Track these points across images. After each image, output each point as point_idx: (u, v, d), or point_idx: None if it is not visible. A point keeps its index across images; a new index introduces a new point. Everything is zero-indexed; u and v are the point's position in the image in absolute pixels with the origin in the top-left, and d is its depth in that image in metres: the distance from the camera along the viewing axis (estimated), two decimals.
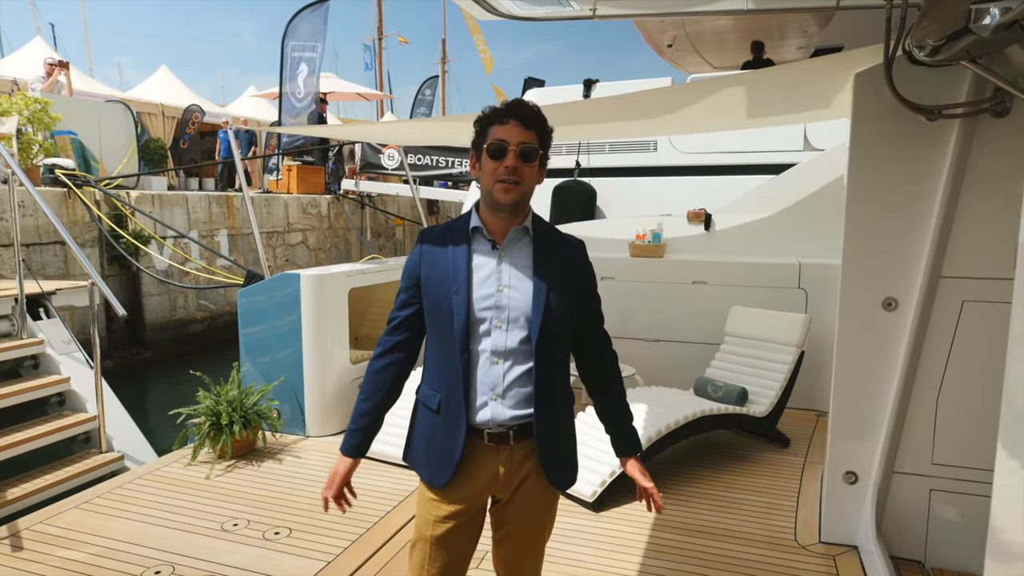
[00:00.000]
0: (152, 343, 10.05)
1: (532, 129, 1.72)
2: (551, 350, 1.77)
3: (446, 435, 1.77)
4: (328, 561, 3.00)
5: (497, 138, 1.71)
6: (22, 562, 2.97)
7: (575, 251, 1.85)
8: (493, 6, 3.05)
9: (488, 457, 1.78)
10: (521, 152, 1.69)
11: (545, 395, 1.77)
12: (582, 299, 1.85)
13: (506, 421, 1.76)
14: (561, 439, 1.85)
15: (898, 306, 2.91)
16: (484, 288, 1.74)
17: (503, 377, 1.75)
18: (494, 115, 1.74)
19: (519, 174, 1.69)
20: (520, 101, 1.78)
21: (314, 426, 4.61)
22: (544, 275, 1.75)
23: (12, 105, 9.17)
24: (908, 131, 2.81)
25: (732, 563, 3.00)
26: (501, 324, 1.74)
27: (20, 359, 4.58)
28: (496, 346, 1.74)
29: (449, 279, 1.75)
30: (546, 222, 1.87)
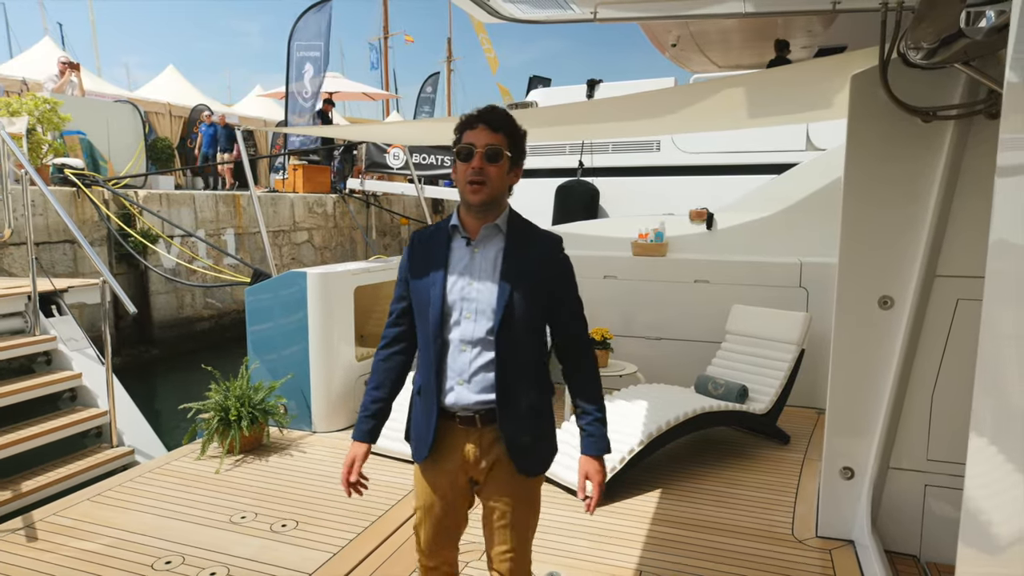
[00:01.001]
0: (160, 341, 10.16)
1: (499, 132, 1.85)
2: (514, 340, 1.87)
3: (424, 416, 1.94)
4: (334, 553, 3.07)
5: (466, 142, 1.85)
6: (37, 552, 3.05)
7: (549, 247, 1.95)
8: (495, 9, 3.11)
9: (459, 438, 1.93)
10: (487, 153, 1.82)
11: (507, 383, 1.87)
12: (554, 293, 1.94)
13: (471, 405, 1.88)
14: (528, 427, 1.91)
15: (894, 304, 2.95)
16: (457, 281, 1.89)
17: (469, 364, 1.88)
18: (466, 122, 1.87)
19: (485, 174, 1.82)
20: (490, 107, 1.90)
21: (320, 422, 4.68)
22: (512, 269, 1.87)
23: (22, 105, 9.28)
24: (904, 132, 2.86)
25: (729, 557, 3.06)
26: (470, 315, 1.87)
27: (33, 355, 4.67)
28: (464, 335, 1.88)
29: (429, 273, 1.90)
30: (524, 220, 1.99)
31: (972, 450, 1.17)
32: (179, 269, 10.05)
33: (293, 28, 13.12)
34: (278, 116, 19.30)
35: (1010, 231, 1.13)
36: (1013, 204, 1.12)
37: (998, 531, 1.12)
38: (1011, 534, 1.06)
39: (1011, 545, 1.06)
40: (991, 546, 1.13)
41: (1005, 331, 1.12)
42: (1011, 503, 1.07)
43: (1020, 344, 1.07)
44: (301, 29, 13.08)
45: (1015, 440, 1.06)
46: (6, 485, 3.89)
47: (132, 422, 4.67)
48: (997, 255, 1.14)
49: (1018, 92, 1.11)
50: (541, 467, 1.98)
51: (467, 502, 2.04)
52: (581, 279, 2.07)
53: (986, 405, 1.16)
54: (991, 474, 1.13)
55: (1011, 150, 1.15)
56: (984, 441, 1.15)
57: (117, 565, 2.95)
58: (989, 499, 1.12)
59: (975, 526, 1.17)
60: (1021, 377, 1.06)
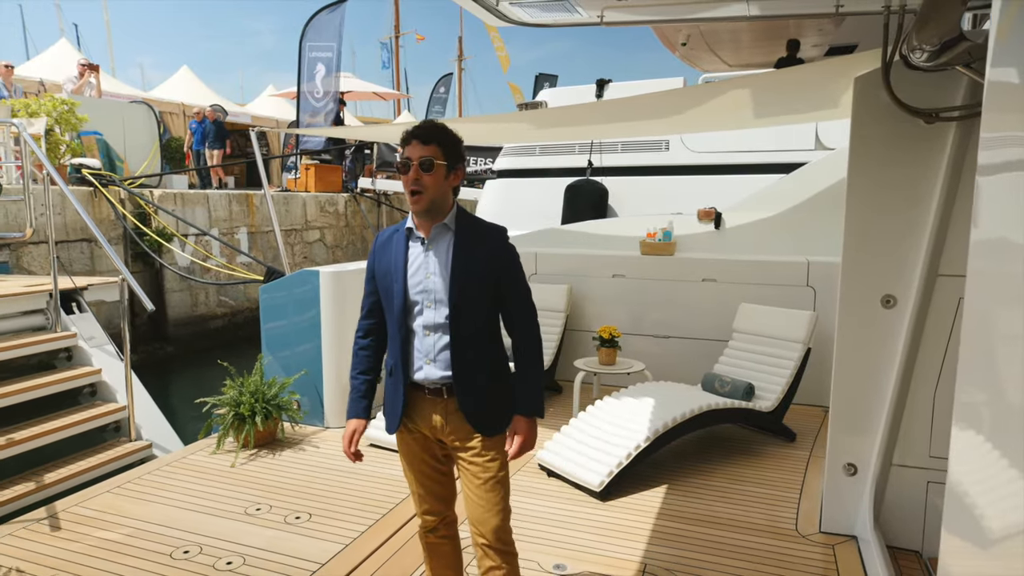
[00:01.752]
0: (174, 338, 10.31)
1: (430, 144, 2.09)
2: (467, 323, 2.16)
3: (394, 392, 2.24)
4: (346, 544, 3.15)
5: (404, 156, 2.11)
6: (61, 541, 3.16)
7: (495, 239, 2.22)
8: (504, 14, 3.18)
9: (427, 408, 2.22)
10: (420, 164, 2.07)
11: (462, 360, 2.16)
12: (501, 280, 2.20)
13: (438, 380, 2.18)
14: (482, 395, 2.20)
15: (896, 303, 3.00)
16: (416, 276, 2.17)
17: (434, 345, 2.17)
18: (404, 139, 2.13)
19: (421, 184, 2.08)
20: (422, 123, 2.17)
21: (333, 417, 4.77)
22: (461, 263, 2.14)
23: (41, 106, 9.45)
24: (906, 133, 2.90)
25: (733, 551, 3.11)
26: (430, 304, 2.17)
27: (54, 351, 4.80)
28: (427, 322, 2.17)
29: (391, 270, 2.19)
30: (472, 217, 2.25)
31: (955, 442, 1.22)
32: (193, 267, 10.20)
33: (305, 28, 13.24)
34: (290, 116, 19.46)
35: (991, 230, 1.16)
36: (992, 202, 1.16)
37: (980, 520, 1.17)
38: (992, 523, 1.11)
39: (992, 533, 1.10)
40: (974, 534, 1.18)
41: (987, 328, 1.17)
42: (993, 493, 1.11)
43: (1001, 341, 1.12)
44: (313, 29, 13.20)
45: (997, 432, 1.11)
46: (30, 477, 4.01)
47: (150, 417, 4.78)
48: (978, 254, 1.19)
49: (998, 91, 1.14)
50: (500, 428, 2.25)
51: (444, 463, 2.33)
52: (590, 277, 2.19)
53: (968, 399, 1.21)
54: (973, 465, 1.17)
55: (990, 149, 1.18)
56: (967, 434, 1.20)
57: (137, 554, 3.05)
58: (972, 489, 1.17)
59: (958, 516, 1.22)
60: (1002, 372, 1.11)
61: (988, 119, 1.19)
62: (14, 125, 5.39)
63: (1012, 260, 1.08)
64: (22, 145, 4.99)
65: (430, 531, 2.38)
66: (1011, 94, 1.13)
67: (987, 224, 1.18)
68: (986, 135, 1.21)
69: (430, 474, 2.32)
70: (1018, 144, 1.11)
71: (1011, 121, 1.12)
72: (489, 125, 5.54)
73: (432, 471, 2.32)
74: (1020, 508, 0.97)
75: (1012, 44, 1.14)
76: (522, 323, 2.26)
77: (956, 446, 1.23)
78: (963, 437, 1.21)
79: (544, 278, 5.92)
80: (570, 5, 3.01)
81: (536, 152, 8.92)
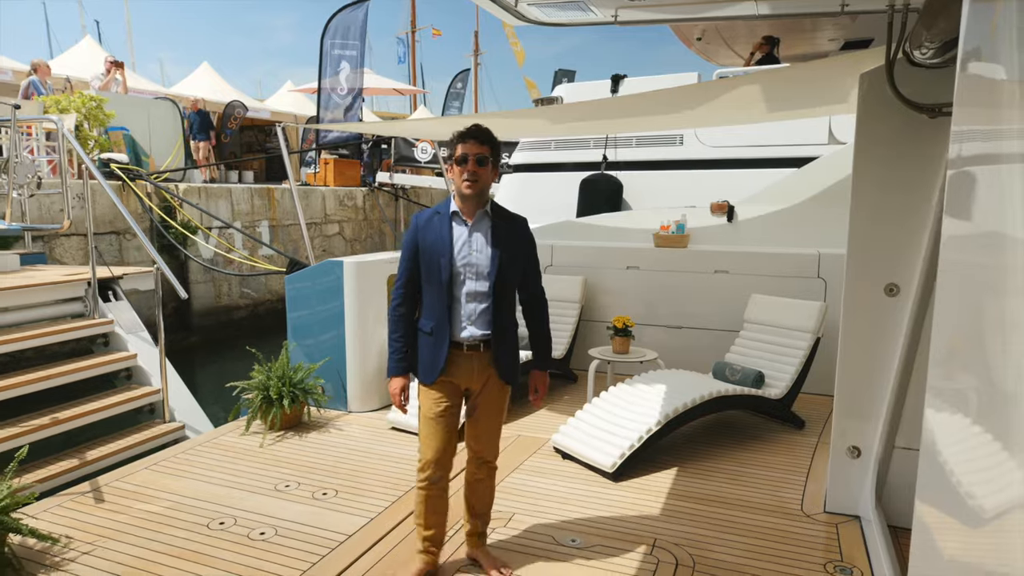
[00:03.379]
0: (199, 328, 10.59)
1: (485, 144, 2.57)
2: (503, 293, 2.65)
3: (436, 349, 2.65)
4: (371, 518, 3.33)
5: (462, 152, 2.57)
6: (106, 512, 3.38)
7: (521, 227, 2.73)
8: (522, 14, 3.32)
9: (464, 362, 2.68)
10: (477, 160, 2.56)
11: (499, 321, 2.66)
12: (526, 259, 2.73)
13: (478, 337, 2.66)
14: (508, 350, 2.72)
15: (899, 292, 3.11)
16: (461, 252, 2.61)
17: (475, 310, 2.64)
18: (459, 137, 2.59)
19: (477, 175, 2.57)
20: (476, 125, 2.62)
21: (355, 402, 4.96)
22: (498, 243, 2.63)
23: (71, 103, 9.73)
24: (910, 128, 3.01)
25: (740, 528, 3.25)
26: (472, 276, 2.62)
27: (93, 337, 5.03)
28: (469, 290, 2.63)
29: (438, 246, 2.60)
30: (501, 207, 2.72)
31: (927, 413, 1.33)
32: (217, 259, 10.46)
33: (327, 25, 13.42)
34: (308, 111, 19.71)
35: (961, 222, 1.25)
36: (962, 195, 1.25)
37: (951, 490, 1.26)
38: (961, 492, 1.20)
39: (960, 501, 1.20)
40: (944, 502, 1.28)
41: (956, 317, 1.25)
42: (963, 464, 1.22)
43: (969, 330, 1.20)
44: (335, 27, 13.38)
45: (965, 409, 1.21)
46: (73, 454, 4.24)
47: (182, 400, 5.01)
48: (950, 246, 1.27)
49: (967, 86, 1.21)
50: (516, 377, 2.79)
51: (459, 410, 2.77)
52: (605, 269, 2.41)
53: (939, 383, 1.31)
54: (944, 439, 1.28)
55: (960, 142, 1.26)
56: (938, 411, 1.31)
57: (177, 524, 3.25)
58: (943, 460, 1.27)
59: (930, 485, 1.32)
60: (967, 357, 1.21)
61: (958, 113, 1.28)
62: (52, 121, 5.62)
63: (980, 251, 1.16)
64: (59, 140, 5.20)
65: (433, 484, 2.74)
66: (980, 89, 1.21)
67: (958, 216, 1.26)
68: (956, 129, 1.29)
69: (450, 420, 2.71)
70: (986, 138, 1.20)
71: (980, 116, 1.21)
72: (506, 121, 5.68)
73: (452, 418, 2.72)
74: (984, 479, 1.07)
75: (980, 41, 1.22)
76: (537, 298, 2.80)
77: (929, 420, 1.33)
78: (934, 414, 1.31)
79: (560, 270, 6.07)
80: (584, 5, 3.14)
81: (552, 147, 9.04)
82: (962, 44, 1.30)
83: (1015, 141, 1.06)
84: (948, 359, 1.32)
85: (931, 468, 1.36)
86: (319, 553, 3.00)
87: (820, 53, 10.99)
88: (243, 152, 18.60)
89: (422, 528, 2.80)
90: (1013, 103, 1.08)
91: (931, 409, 1.36)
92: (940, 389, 1.34)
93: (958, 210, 1.26)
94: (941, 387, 1.34)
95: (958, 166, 1.28)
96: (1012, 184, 1.06)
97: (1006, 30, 1.12)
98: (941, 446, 1.32)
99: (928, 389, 1.35)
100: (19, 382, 4.30)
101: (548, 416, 4.87)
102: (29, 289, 4.83)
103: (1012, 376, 0.97)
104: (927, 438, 1.37)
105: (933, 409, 1.36)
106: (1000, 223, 1.10)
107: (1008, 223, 1.05)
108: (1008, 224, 1.05)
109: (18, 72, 14.30)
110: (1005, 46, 1.13)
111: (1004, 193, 1.10)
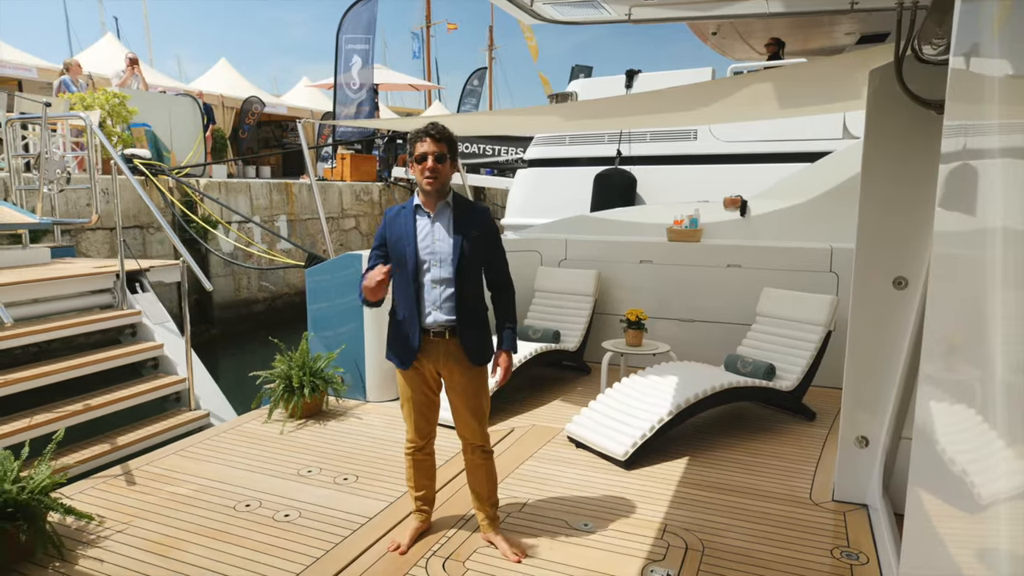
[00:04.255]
0: (219, 320, 10.79)
1: (442, 143, 2.71)
2: (465, 279, 2.78)
3: (408, 335, 2.82)
4: (390, 502, 3.45)
5: (421, 151, 2.71)
6: (137, 494, 3.53)
7: (482, 216, 2.87)
8: (538, 12, 3.40)
9: (433, 347, 2.83)
10: (436, 157, 2.71)
11: (462, 306, 2.79)
12: (488, 246, 2.85)
13: (443, 323, 2.80)
14: (475, 334, 2.84)
15: (907, 284, 3.17)
16: (424, 242, 2.78)
17: (440, 296, 2.78)
18: (418, 136, 2.73)
19: (435, 171, 2.72)
20: (433, 124, 2.76)
21: (373, 392, 5.09)
22: (460, 232, 2.77)
23: (95, 100, 9.94)
24: (919, 123, 3.05)
25: (748, 515, 3.33)
26: (436, 263, 2.77)
27: (121, 327, 5.20)
28: (434, 277, 2.78)
29: (404, 238, 2.78)
30: (464, 198, 2.88)
31: (920, 403, 1.38)
32: (237, 253, 10.65)
33: (341, 21, 13.57)
34: (324, 106, 19.89)
35: (952, 215, 1.30)
36: (952, 188, 1.30)
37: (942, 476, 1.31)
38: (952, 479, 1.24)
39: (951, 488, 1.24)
40: (936, 488, 1.33)
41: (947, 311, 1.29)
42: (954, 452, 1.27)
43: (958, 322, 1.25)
44: (349, 22, 13.52)
45: (957, 398, 1.26)
46: (104, 439, 4.41)
47: (207, 389, 5.16)
48: (941, 241, 1.31)
49: (959, 81, 1.24)
50: (484, 359, 2.90)
51: (438, 389, 2.97)
52: (618, 263, 2.48)
53: (932, 369, 1.37)
54: (937, 427, 1.34)
55: (951, 137, 1.30)
56: (931, 400, 1.36)
57: (205, 506, 3.39)
58: (936, 448, 1.33)
59: (923, 472, 1.38)
60: (957, 348, 1.26)
61: (950, 108, 1.32)
62: (81, 118, 5.79)
63: (970, 245, 1.20)
64: (88, 137, 5.36)
65: (418, 450, 3.04)
66: (970, 86, 1.25)
67: (949, 209, 1.31)
68: (948, 123, 1.34)
69: (426, 402, 2.95)
70: (976, 133, 1.25)
71: (970, 111, 1.25)
72: (521, 118, 5.77)
73: (428, 400, 2.96)
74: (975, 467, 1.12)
75: (971, 36, 1.26)
76: (501, 282, 2.95)
77: (921, 405, 1.39)
78: (927, 401, 1.36)
79: (573, 263, 6.15)
80: (598, 3, 3.22)
81: (566, 142, 9.11)
82: (954, 41, 1.35)
83: (1004, 136, 1.11)
84: (941, 350, 1.37)
85: (924, 455, 1.42)
86: (340, 534, 3.12)
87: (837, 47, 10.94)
88: (260, 148, 18.83)
89: (413, 490, 3.11)
90: (1002, 99, 1.12)
91: (924, 398, 1.42)
92: (933, 379, 1.40)
93: (950, 204, 1.31)
94: (934, 377, 1.39)
95: (949, 161, 1.32)
96: (1001, 178, 1.11)
97: (994, 28, 1.16)
98: (934, 434, 1.37)
99: (921, 379, 1.40)
100: (53, 370, 4.47)
101: (562, 406, 4.97)
102: (61, 281, 5.00)
103: (1003, 366, 1.00)
104: (920, 426, 1.43)
105: (926, 398, 1.42)
106: (990, 217, 1.13)
107: (998, 216, 1.09)
108: (998, 217, 1.09)
109: (42, 69, 14.59)
110: (993, 43, 1.17)
111: (993, 187, 1.15)
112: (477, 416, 2.93)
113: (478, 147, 13.97)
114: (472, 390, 2.90)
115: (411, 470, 3.09)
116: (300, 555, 2.94)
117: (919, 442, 1.40)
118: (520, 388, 5.20)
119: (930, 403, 1.39)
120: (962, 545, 1.18)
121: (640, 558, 2.93)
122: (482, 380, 2.93)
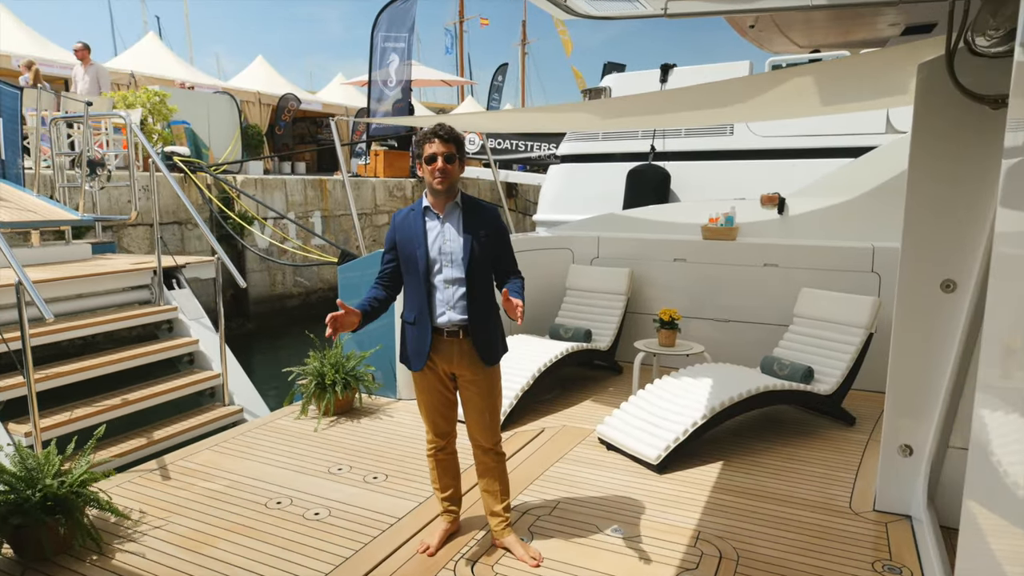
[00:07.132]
0: (254, 315, 10.98)
1: (450, 143, 2.72)
2: (477, 278, 2.79)
3: (420, 336, 2.81)
4: (419, 503, 3.44)
5: (430, 152, 2.72)
6: (172, 488, 3.58)
7: (491, 215, 2.86)
8: (571, 8, 3.34)
9: (446, 347, 2.82)
10: (445, 158, 2.72)
11: (474, 306, 2.79)
12: (497, 244, 2.85)
13: (457, 322, 2.79)
14: (487, 334, 2.83)
15: (956, 288, 3.03)
16: (435, 243, 2.78)
17: (453, 295, 2.78)
18: (424, 138, 2.74)
19: (445, 172, 2.72)
20: (440, 125, 2.77)
21: (405, 390, 5.10)
22: (469, 232, 2.78)
23: (136, 98, 10.17)
24: (970, 119, 2.91)
25: (785, 523, 3.24)
26: (448, 264, 2.77)
27: (158, 323, 5.31)
28: (446, 277, 2.78)
29: (414, 239, 2.78)
30: (471, 198, 2.87)
31: (977, 411, 1.31)
32: (272, 249, 10.80)
33: (377, 18, 13.62)
34: (359, 102, 20.05)
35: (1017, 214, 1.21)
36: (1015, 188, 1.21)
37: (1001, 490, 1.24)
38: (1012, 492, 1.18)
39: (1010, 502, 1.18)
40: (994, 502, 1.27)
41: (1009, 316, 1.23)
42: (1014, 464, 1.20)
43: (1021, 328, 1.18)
44: (385, 19, 13.56)
45: (1017, 408, 1.20)
46: (141, 434, 4.50)
47: (240, 384, 5.24)
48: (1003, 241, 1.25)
49: None
50: (496, 359, 2.90)
51: (453, 389, 2.95)
52: (651, 261, 2.39)
53: (991, 377, 1.30)
54: (995, 438, 1.27)
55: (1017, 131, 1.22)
56: (989, 409, 1.29)
57: (238, 502, 3.43)
58: (994, 459, 1.26)
59: (979, 485, 1.31)
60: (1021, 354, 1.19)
61: (1015, 103, 1.24)
62: (121, 117, 5.92)
63: None
64: (128, 135, 5.48)
65: (440, 450, 3.02)
66: None
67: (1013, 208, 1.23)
68: (1013, 118, 1.25)
69: (443, 401, 2.94)
70: None
71: None
72: (553, 115, 5.70)
73: (445, 400, 2.94)
74: None
75: None
76: (513, 273, 2.92)
77: (978, 415, 1.31)
78: (985, 411, 1.29)
79: (606, 261, 6.07)
80: None
81: (599, 137, 9.01)
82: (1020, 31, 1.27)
83: None
84: (1000, 357, 1.30)
85: (981, 467, 1.35)
86: (370, 534, 3.12)
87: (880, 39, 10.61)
88: (295, 144, 19.09)
89: (439, 491, 3.10)
90: None
91: (982, 407, 1.35)
92: (992, 387, 1.33)
93: (1013, 203, 1.23)
94: (993, 385, 1.32)
95: (1013, 156, 1.25)
96: None
97: None
98: (992, 445, 1.30)
99: (979, 387, 1.33)
100: (94, 364, 4.58)
101: (593, 407, 4.91)
102: (101, 277, 5.12)
103: None
104: (977, 437, 1.36)
105: (984, 408, 1.35)
106: None
107: None
108: None
109: None
110: None
111: None
112: (489, 416, 2.92)
113: (510, 143, 13.93)
114: (485, 390, 2.88)
115: (435, 471, 3.07)
116: (330, 554, 2.95)
117: (976, 453, 1.33)
118: (551, 388, 5.16)
119: (988, 412, 1.32)
120: None
121: (673, 566, 2.86)
122: (495, 380, 2.91)
